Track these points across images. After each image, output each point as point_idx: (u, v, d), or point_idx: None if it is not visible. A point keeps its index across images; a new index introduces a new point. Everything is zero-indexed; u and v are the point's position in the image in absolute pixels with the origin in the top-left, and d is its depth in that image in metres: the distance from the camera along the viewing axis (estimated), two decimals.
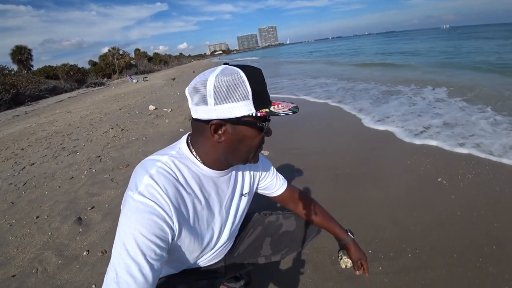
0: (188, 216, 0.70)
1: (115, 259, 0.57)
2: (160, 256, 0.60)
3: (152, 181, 0.63)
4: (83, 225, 2.09)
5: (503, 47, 13.16)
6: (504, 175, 2.15)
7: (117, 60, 40.70)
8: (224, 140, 0.67)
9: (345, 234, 1.09)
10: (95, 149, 4.08)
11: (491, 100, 4.29)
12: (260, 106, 0.64)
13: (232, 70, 0.63)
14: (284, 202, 1.07)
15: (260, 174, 0.96)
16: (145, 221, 0.59)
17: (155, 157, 0.71)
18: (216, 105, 0.62)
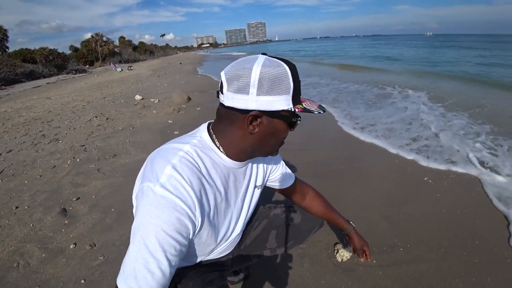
0: (209, 210, 0.67)
1: (133, 253, 0.55)
2: (179, 252, 0.58)
3: (175, 172, 0.59)
4: (68, 216, 2.00)
5: (483, 59, 13.70)
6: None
7: (100, 47, 39.11)
8: (257, 131, 0.65)
9: (348, 224, 1.14)
10: (78, 137, 3.91)
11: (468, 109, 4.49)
12: (296, 102, 0.64)
13: (276, 62, 0.61)
14: (291, 195, 1.07)
15: (272, 166, 0.96)
16: (167, 218, 0.56)
17: (175, 145, 0.67)
18: (258, 95, 0.60)
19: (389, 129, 3.51)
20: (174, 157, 0.62)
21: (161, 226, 0.55)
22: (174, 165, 0.60)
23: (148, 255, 0.54)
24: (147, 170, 0.63)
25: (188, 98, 5.92)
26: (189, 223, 0.59)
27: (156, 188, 0.57)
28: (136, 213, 0.59)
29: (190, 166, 0.62)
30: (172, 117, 4.67)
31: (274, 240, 1.08)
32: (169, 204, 0.56)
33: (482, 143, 2.92)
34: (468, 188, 2.10)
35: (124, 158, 3.02)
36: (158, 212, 0.55)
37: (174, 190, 0.58)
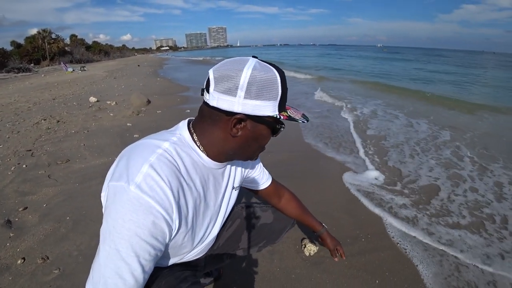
0: (187, 212, 0.64)
1: (103, 258, 0.51)
2: (154, 257, 0.55)
3: (153, 171, 0.55)
4: (14, 228, 1.79)
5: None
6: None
7: (48, 45, 35.67)
8: (240, 135, 0.63)
9: (320, 226, 1.17)
10: (24, 141, 3.52)
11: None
12: (282, 109, 0.64)
13: (267, 67, 0.61)
14: (267, 196, 1.08)
15: (250, 167, 0.95)
16: (142, 221, 0.52)
17: (153, 141, 0.62)
18: (245, 99, 0.58)
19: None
20: (152, 154, 0.58)
21: (135, 230, 0.51)
22: (152, 164, 0.56)
23: (120, 261, 0.50)
24: (121, 166, 0.57)
25: (148, 101, 5.68)
26: (165, 227, 0.56)
27: (131, 189, 0.53)
28: (107, 215, 0.54)
29: (169, 165, 0.58)
30: (131, 120, 4.44)
31: (247, 240, 1.07)
32: (144, 207, 0.52)
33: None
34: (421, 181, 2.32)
35: (78, 163, 2.79)
36: (132, 216, 0.52)
37: (150, 191, 0.53)
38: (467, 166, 2.67)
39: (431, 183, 2.31)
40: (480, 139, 3.53)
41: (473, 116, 5.03)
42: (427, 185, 2.28)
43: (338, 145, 3.22)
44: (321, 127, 4.00)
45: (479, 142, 3.40)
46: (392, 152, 3.00)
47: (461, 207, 1.97)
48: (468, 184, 2.32)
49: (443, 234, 1.67)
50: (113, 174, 0.58)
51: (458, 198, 2.08)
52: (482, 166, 2.68)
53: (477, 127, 4.16)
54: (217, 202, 0.78)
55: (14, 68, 21.46)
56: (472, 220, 1.83)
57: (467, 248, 1.55)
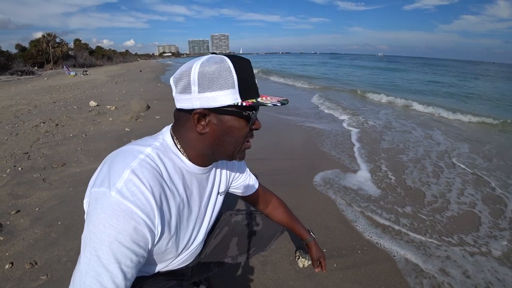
0: (170, 217, 0.63)
1: (84, 265, 0.50)
2: (136, 263, 0.54)
3: (134, 176, 0.55)
4: (4, 232, 1.76)
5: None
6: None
7: (52, 49, 36.01)
8: (208, 131, 0.63)
9: (308, 234, 1.14)
10: (21, 144, 3.51)
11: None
12: (247, 96, 0.61)
13: (218, 58, 0.60)
14: (254, 202, 1.06)
15: (236, 172, 0.94)
16: (123, 227, 0.51)
17: (135, 147, 0.62)
18: (200, 93, 0.58)
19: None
20: (133, 160, 0.58)
21: (115, 236, 0.50)
22: (133, 169, 0.56)
23: (101, 268, 0.49)
24: (103, 173, 0.57)
25: (147, 106, 5.69)
26: (147, 233, 0.55)
27: (112, 194, 0.52)
28: (88, 221, 0.53)
29: (151, 170, 0.58)
30: (129, 125, 4.43)
31: (236, 247, 1.05)
32: (125, 213, 0.52)
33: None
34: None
35: (74, 167, 2.78)
36: (113, 221, 0.51)
37: (132, 196, 0.53)
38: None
39: (417, 189, 2.29)
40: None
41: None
42: (415, 190, 2.26)
43: (339, 155, 3.20)
44: (322, 135, 3.99)
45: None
46: (393, 164, 2.98)
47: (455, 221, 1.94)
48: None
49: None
50: (95, 180, 0.57)
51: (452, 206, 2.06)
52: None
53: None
54: (201, 207, 0.76)
55: (17, 71, 21.59)
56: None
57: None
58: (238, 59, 0.61)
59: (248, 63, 0.63)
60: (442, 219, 1.94)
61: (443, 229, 1.82)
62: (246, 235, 1.05)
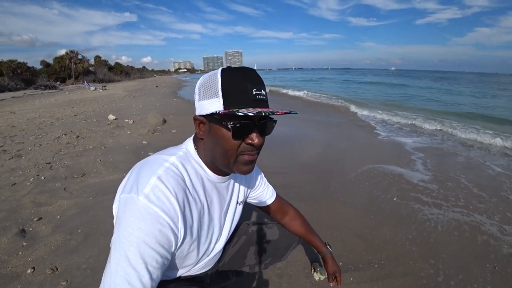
0: (192, 222, 0.67)
1: (114, 265, 0.53)
2: (161, 264, 0.57)
3: (160, 183, 0.59)
4: (27, 238, 1.83)
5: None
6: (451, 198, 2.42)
7: (74, 65, 37.94)
8: (205, 137, 0.68)
9: (325, 247, 1.14)
10: (44, 154, 3.67)
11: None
12: (231, 105, 0.60)
13: (215, 71, 0.66)
14: (272, 213, 1.08)
15: (254, 182, 0.97)
16: (150, 229, 0.55)
17: (161, 156, 0.68)
18: (198, 101, 0.66)
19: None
20: (159, 167, 0.62)
21: (143, 238, 0.54)
22: (159, 176, 0.60)
23: (129, 268, 0.52)
24: (131, 180, 0.62)
25: (164, 120, 5.85)
26: (171, 236, 0.58)
27: (140, 199, 0.56)
28: (117, 225, 0.57)
29: (175, 177, 0.62)
30: (146, 138, 4.56)
31: (253, 256, 1.07)
32: (151, 216, 0.55)
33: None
34: (435, 209, 2.23)
35: (94, 177, 2.87)
36: (140, 224, 0.54)
37: (158, 201, 0.57)
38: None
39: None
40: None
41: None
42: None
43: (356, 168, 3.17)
44: (342, 148, 3.97)
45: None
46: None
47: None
48: None
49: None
50: (124, 187, 0.62)
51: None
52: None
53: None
54: (221, 216, 0.79)
55: (41, 85, 22.81)
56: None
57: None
58: (233, 70, 0.63)
59: (247, 74, 0.63)
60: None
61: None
62: (263, 245, 1.07)
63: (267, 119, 0.64)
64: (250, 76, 0.62)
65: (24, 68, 26.73)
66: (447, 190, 2.57)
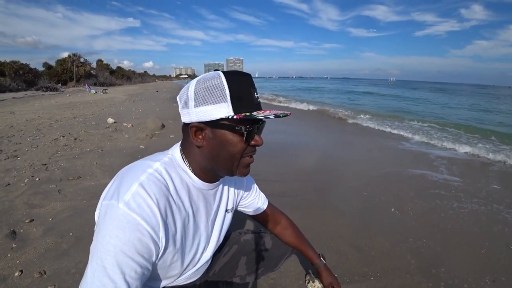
0: (176, 231, 0.64)
1: (90, 275, 0.51)
2: (140, 275, 0.55)
3: (141, 189, 0.57)
4: (17, 239, 1.79)
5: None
6: (450, 204, 2.41)
7: (76, 68, 38.18)
8: (205, 145, 0.65)
9: (318, 259, 1.11)
10: (40, 156, 3.64)
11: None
12: (240, 110, 0.60)
13: (214, 74, 0.63)
14: (263, 221, 1.06)
15: (244, 191, 0.94)
16: (128, 238, 0.53)
17: (145, 162, 0.66)
18: (195, 107, 0.62)
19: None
20: (142, 174, 0.60)
21: (120, 247, 0.52)
22: (141, 182, 0.58)
23: (106, 278, 0.50)
24: (114, 186, 0.60)
25: (162, 125, 5.85)
26: (151, 245, 0.56)
27: (120, 206, 0.54)
28: (96, 232, 0.56)
29: (158, 184, 0.60)
30: (144, 143, 4.54)
31: (244, 267, 1.04)
32: (130, 224, 0.53)
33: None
34: (435, 216, 2.20)
35: (89, 180, 2.84)
36: (118, 232, 0.53)
37: (138, 208, 0.55)
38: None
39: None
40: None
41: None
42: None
43: (352, 176, 3.15)
44: (337, 158, 3.96)
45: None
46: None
47: None
48: None
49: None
50: (106, 193, 0.60)
51: None
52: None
53: None
54: (208, 224, 0.77)
55: (42, 87, 22.87)
56: None
57: None
58: (234, 74, 0.63)
59: (245, 76, 0.64)
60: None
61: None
62: (255, 255, 1.04)
63: (264, 121, 0.65)
64: (250, 80, 0.64)
65: (26, 69, 26.83)
66: (449, 200, 2.55)
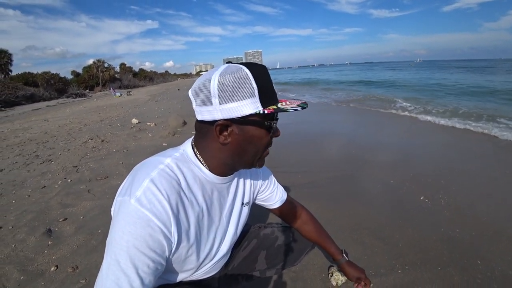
0: (189, 226, 0.64)
1: (105, 269, 0.53)
2: (154, 270, 0.55)
3: (152, 185, 0.57)
4: (53, 237, 1.92)
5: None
6: (484, 191, 2.23)
7: (101, 73, 40.07)
8: (230, 141, 0.62)
9: (340, 255, 1.08)
10: (72, 158, 3.87)
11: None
12: (267, 103, 0.60)
13: (236, 68, 0.60)
14: (282, 215, 1.03)
15: (261, 184, 0.92)
16: (140, 234, 0.53)
17: (157, 158, 0.66)
18: (221, 104, 0.58)
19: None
20: (153, 170, 0.61)
21: (133, 242, 0.53)
22: (152, 178, 0.58)
23: (119, 272, 0.51)
24: (128, 183, 0.61)
25: (184, 122, 5.97)
26: (163, 240, 0.57)
27: (131, 202, 0.55)
28: (110, 228, 0.57)
29: (169, 179, 0.60)
30: (167, 140, 4.66)
31: (264, 261, 1.03)
32: (141, 220, 0.54)
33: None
34: (468, 205, 2.05)
35: (115, 179, 2.97)
36: (130, 228, 0.53)
37: (149, 204, 0.55)
38: None
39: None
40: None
41: None
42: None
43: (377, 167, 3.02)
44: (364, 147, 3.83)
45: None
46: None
47: None
48: None
49: None
50: (121, 189, 0.61)
51: None
52: None
53: None
54: (223, 218, 0.76)
55: (72, 94, 24.32)
56: None
57: None
58: (255, 66, 0.61)
59: (264, 69, 0.63)
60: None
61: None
62: (275, 249, 1.02)
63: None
64: (267, 71, 0.63)
65: (56, 78, 28.59)
66: (486, 188, 2.37)
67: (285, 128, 4.60)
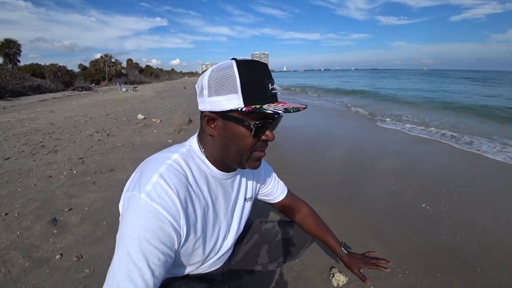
0: (196, 220, 0.66)
1: (117, 262, 0.54)
2: (164, 262, 0.57)
3: (161, 180, 0.59)
4: (58, 226, 1.95)
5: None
6: (485, 202, 2.24)
7: (108, 68, 40.34)
8: (216, 135, 0.66)
9: (339, 248, 1.08)
10: (77, 150, 3.91)
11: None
12: (251, 102, 0.59)
13: (227, 63, 0.62)
14: (283, 210, 1.06)
15: (263, 179, 0.95)
16: (151, 227, 0.55)
17: (164, 154, 0.68)
18: (209, 96, 0.62)
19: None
20: (162, 165, 0.62)
21: (144, 235, 0.54)
22: (161, 173, 0.60)
23: (131, 264, 0.53)
24: (135, 178, 0.63)
25: (189, 120, 6.00)
26: (173, 233, 0.58)
27: (141, 197, 0.57)
28: (121, 222, 0.59)
29: (177, 174, 0.62)
30: (172, 137, 4.70)
31: (266, 255, 1.04)
32: (152, 214, 0.56)
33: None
34: (470, 213, 2.06)
35: (121, 173, 3.00)
36: (141, 221, 0.55)
37: (159, 198, 0.57)
38: None
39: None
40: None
41: None
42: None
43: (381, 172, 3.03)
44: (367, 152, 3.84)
45: None
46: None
47: None
48: None
49: None
50: (129, 185, 0.63)
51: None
52: None
53: None
54: (227, 212, 0.78)
55: (78, 87, 24.49)
56: None
57: None
58: (248, 63, 0.61)
59: (260, 66, 0.62)
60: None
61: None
62: (276, 243, 1.04)
63: (279, 115, 0.63)
64: (265, 70, 0.62)
65: (64, 71, 28.78)
66: (487, 197, 2.37)
67: (291, 131, 4.66)
